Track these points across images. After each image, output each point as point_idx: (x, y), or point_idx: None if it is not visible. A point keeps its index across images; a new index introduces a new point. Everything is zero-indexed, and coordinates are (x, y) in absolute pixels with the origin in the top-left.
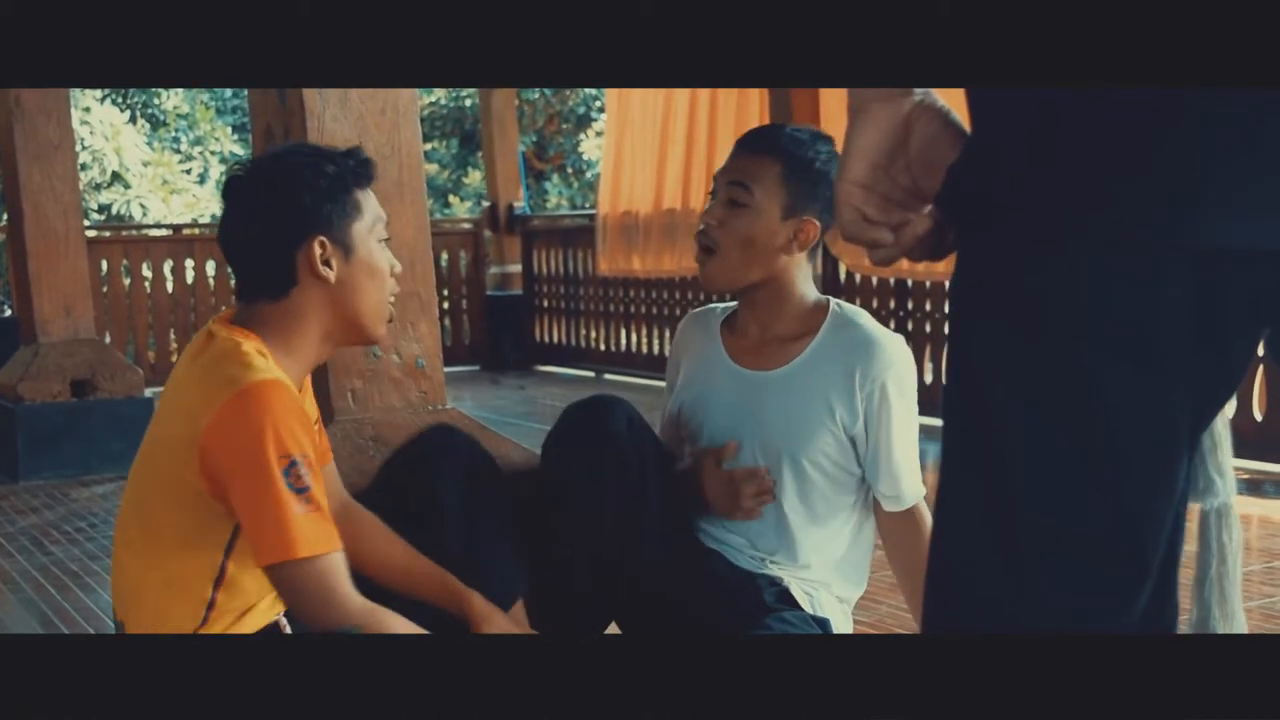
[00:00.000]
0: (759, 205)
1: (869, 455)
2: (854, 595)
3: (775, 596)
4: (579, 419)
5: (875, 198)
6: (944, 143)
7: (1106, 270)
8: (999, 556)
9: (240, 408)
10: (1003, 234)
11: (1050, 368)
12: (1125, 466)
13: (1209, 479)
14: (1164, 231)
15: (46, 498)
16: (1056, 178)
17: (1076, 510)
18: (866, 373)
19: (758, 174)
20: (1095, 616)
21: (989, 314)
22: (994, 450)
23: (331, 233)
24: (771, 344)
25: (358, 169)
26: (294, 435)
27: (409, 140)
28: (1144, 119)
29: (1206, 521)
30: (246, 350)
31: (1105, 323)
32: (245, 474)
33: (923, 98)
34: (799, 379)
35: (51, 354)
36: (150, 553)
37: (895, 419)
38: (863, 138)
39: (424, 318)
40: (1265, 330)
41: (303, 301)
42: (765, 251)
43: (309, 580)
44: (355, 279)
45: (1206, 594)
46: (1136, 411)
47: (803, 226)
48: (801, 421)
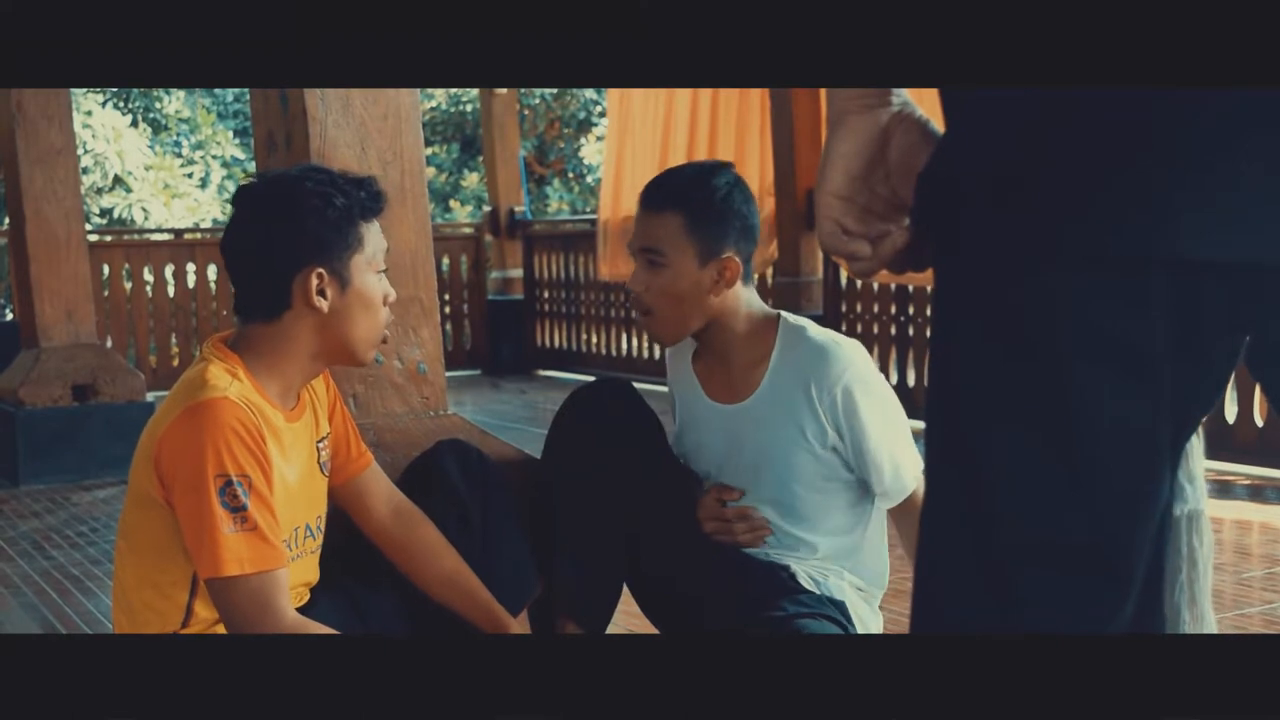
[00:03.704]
0: (673, 262)
1: (851, 459)
2: (872, 583)
3: (788, 577)
4: (583, 399)
5: (854, 209)
6: (923, 152)
7: (1084, 283)
8: (981, 570)
9: (186, 423)
10: (982, 248)
11: (1030, 381)
12: (1106, 478)
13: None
14: (1140, 245)
15: (48, 502)
16: (1031, 193)
17: (1058, 523)
18: (821, 384)
19: (662, 232)
20: (1080, 626)
21: (968, 327)
22: (975, 464)
23: (330, 264)
24: (735, 374)
25: (367, 202)
26: (233, 454)
27: (411, 146)
28: (1118, 133)
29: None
30: (212, 370)
31: (1084, 336)
32: (184, 488)
33: (900, 107)
34: (765, 407)
35: (53, 358)
36: (131, 559)
37: (864, 420)
38: (841, 148)
39: (425, 323)
40: (1245, 339)
41: (294, 326)
42: (696, 300)
43: (238, 596)
44: (349, 310)
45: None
46: (1117, 423)
47: (724, 265)
48: (777, 448)
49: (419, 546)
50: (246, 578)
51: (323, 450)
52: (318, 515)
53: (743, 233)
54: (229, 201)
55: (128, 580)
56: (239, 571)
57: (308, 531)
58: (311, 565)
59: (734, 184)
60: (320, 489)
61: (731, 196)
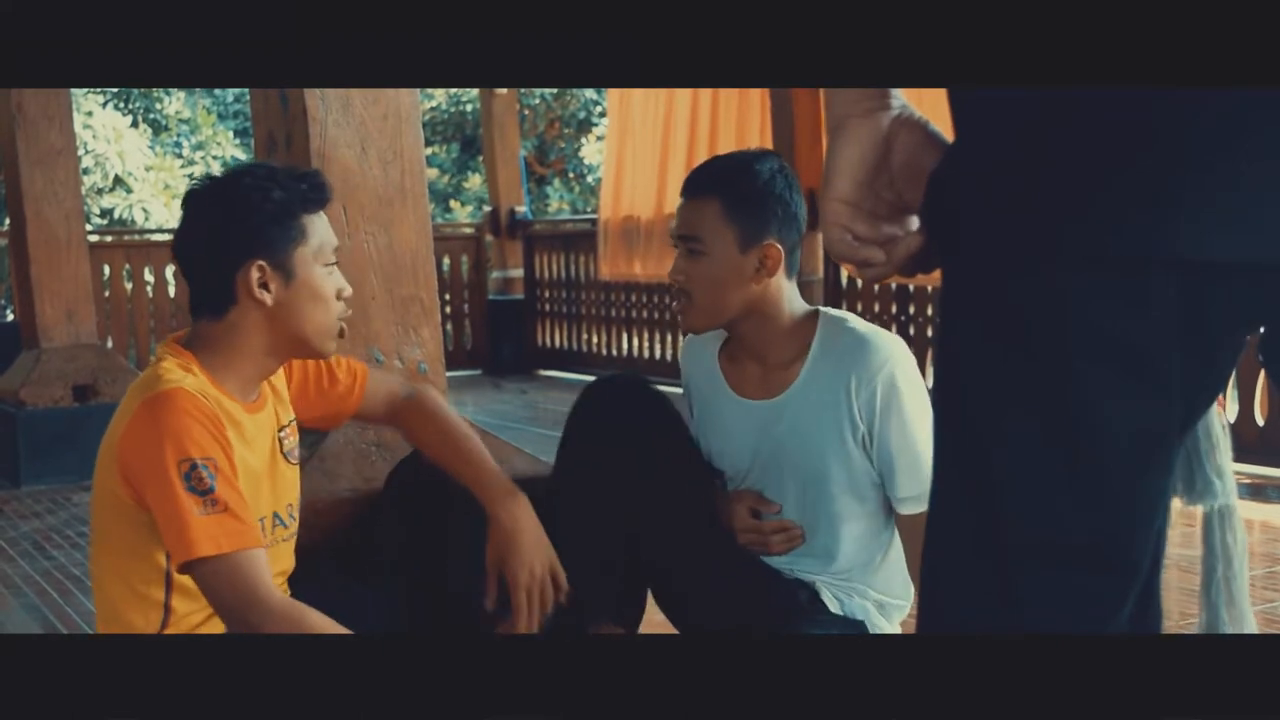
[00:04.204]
0: (712, 249)
1: (876, 458)
2: (896, 600)
3: (808, 598)
4: (600, 396)
5: (863, 215)
6: (926, 155)
7: (1085, 283)
8: (986, 567)
9: (144, 416)
10: (984, 248)
11: (1035, 380)
12: (1108, 477)
13: (1208, 480)
14: (1144, 244)
15: (49, 502)
16: (1032, 193)
17: (1060, 521)
18: (860, 378)
19: (702, 219)
20: (1081, 625)
21: (970, 327)
22: (978, 463)
23: (272, 257)
24: (770, 370)
25: (309, 194)
26: (193, 439)
27: (411, 145)
28: (1118, 133)
29: (1210, 524)
30: (165, 366)
31: (1086, 335)
32: (150, 480)
33: (900, 110)
34: (802, 402)
35: (53, 359)
36: (105, 561)
37: (898, 417)
38: (845, 154)
39: (426, 323)
40: (1248, 334)
41: (241, 321)
42: (737, 287)
43: (219, 577)
44: (295, 303)
45: (1214, 596)
46: (1119, 423)
47: (765, 253)
48: (814, 445)
49: (418, 428)
50: (224, 557)
51: (286, 439)
52: (287, 504)
53: (785, 220)
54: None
55: (105, 582)
56: (215, 551)
57: (276, 520)
58: (286, 553)
59: (777, 170)
60: (287, 478)
61: (774, 182)
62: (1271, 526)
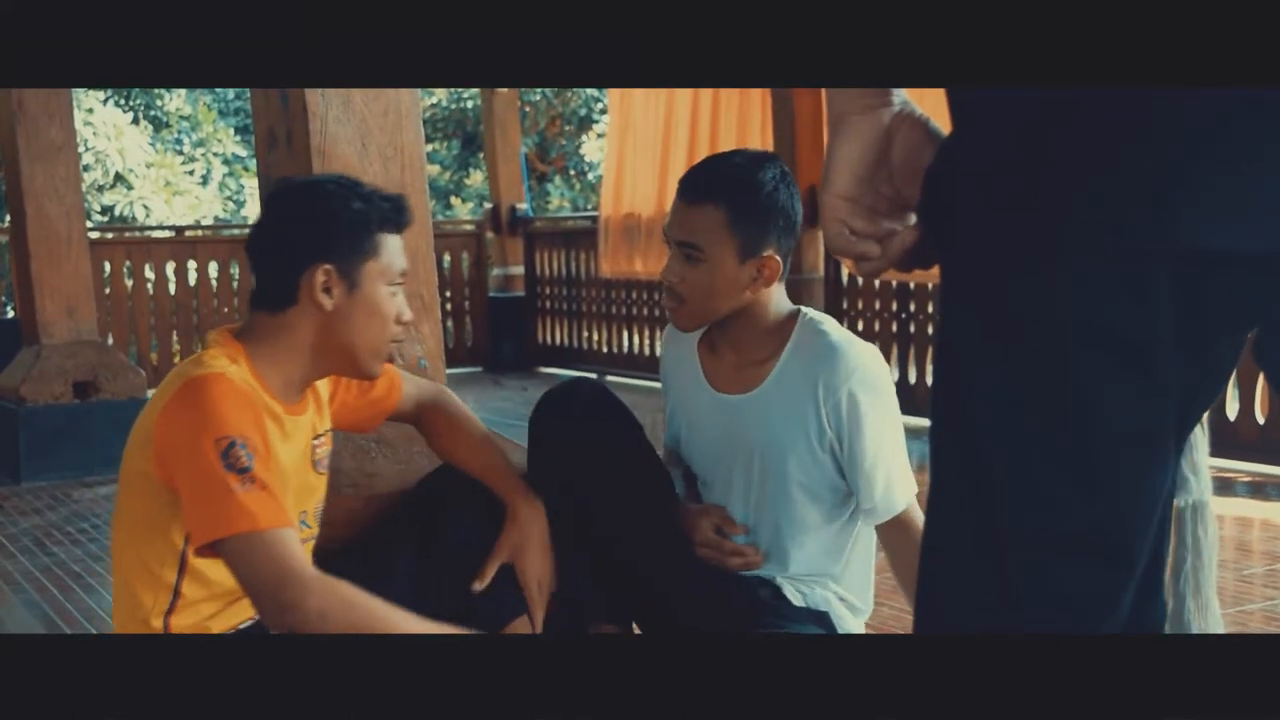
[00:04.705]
0: (711, 258)
1: (845, 466)
2: (858, 600)
3: (770, 594)
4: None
5: (861, 210)
6: (926, 151)
7: (1085, 277)
8: (986, 565)
9: (182, 397)
10: (984, 247)
11: (1033, 374)
12: (1108, 470)
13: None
14: (1141, 236)
15: (49, 499)
16: (1032, 192)
17: (1060, 514)
18: (829, 383)
19: (702, 227)
20: (1081, 619)
21: (970, 323)
22: (980, 456)
23: (340, 264)
24: (745, 365)
25: (389, 213)
26: (231, 420)
27: (411, 142)
28: (1118, 133)
29: (1182, 518)
30: (211, 354)
31: (1086, 328)
32: (185, 457)
33: (901, 107)
34: (771, 400)
35: (54, 356)
36: (125, 541)
37: (865, 427)
38: (845, 149)
39: (426, 319)
40: (1248, 331)
41: (296, 321)
42: (732, 295)
43: (256, 553)
44: (353, 313)
45: (1182, 587)
46: (1119, 416)
47: (763, 264)
48: (779, 443)
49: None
50: (261, 533)
51: (319, 448)
52: (310, 508)
53: (785, 230)
54: (229, 199)
55: (122, 559)
56: (251, 527)
57: (302, 523)
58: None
59: (780, 179)
60: (313, 484)
61: (777, 192)
62: (1272, 524)
